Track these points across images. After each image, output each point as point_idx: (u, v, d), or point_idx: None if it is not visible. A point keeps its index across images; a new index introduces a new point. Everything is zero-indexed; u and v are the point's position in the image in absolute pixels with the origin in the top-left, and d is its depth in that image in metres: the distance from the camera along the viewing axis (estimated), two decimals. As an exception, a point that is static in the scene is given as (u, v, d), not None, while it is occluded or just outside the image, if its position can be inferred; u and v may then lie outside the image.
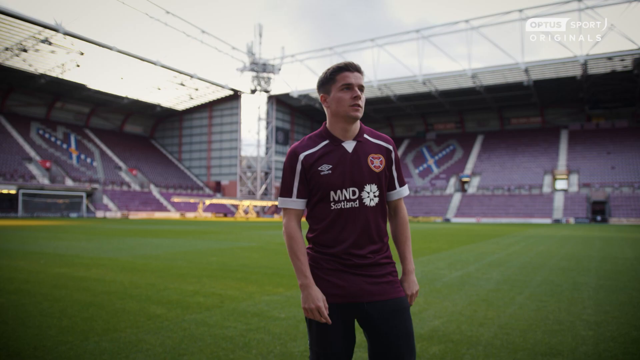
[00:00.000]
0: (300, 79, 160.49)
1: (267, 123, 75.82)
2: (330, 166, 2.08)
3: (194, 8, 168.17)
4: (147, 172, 70.57)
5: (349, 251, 2.07)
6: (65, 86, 62.15)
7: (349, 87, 2.08)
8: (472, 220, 54.36)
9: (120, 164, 68.61)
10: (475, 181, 63.13)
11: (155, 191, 66.74)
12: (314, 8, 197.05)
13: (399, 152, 75.34)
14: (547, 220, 50.99)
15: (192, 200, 65.77)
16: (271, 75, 72.23)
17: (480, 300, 6.20)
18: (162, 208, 63.39)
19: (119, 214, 56.31)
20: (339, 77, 2.09)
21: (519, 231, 27.80)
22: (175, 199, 63.32)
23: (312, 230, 2.16)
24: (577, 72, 53.32)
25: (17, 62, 53.80)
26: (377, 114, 76.95)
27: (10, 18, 44.04)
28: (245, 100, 76.48)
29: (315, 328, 2.07)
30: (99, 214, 55.40)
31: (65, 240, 16.20)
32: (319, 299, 2.02)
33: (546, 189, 57.43)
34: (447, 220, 55.56)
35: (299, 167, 2.11)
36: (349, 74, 2.09)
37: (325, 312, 2.01)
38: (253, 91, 73.49)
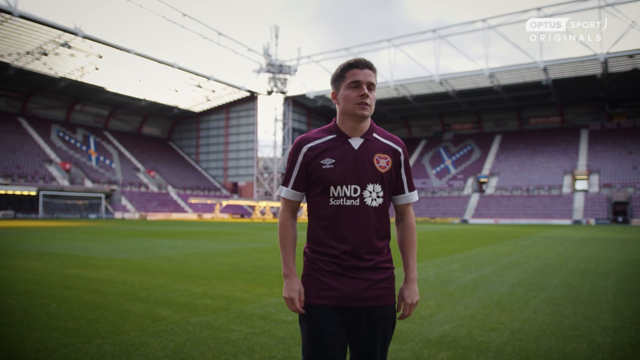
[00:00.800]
0: (316, 80, 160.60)
1: (284, 124, 75.94)
2: (333, 161, 2.03)
3: (211, 10, 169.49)
4: (164, 173, 71.17)
5: (348, 252, 2.01)
6: (84, 89, 62.99)
7: (357, 84, 2.03)
8: (490, 221, 53.75)
9: (139, 165, 69.28)
10: (493, 182, 62.43)
11: (172, 192, 67.26)
12: (330, 9, 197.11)
13: (416, 153, 74.90)
14: (567, 221, 50.19)
15: (209, 202, 66.15)
16: (287, 76, 72.35)
17: (493, 304, 6.05)
18: (179, 209, 63.85)
19: (137, 215, 56.86)
20: (348, 74, 2.05)
21: (537, 232, 27.36)
22: (193, 200, 63.71)
23: (311, 226, 2.11)
24: (597, 70, 52.38)
25: (38, 66, 54.65)
26: (393, 114, 76.57)
27: (31, 22, 44.76)
28: (262, 101, 76.76)
29: (307, 330, 2.01)
30: (118, 215, 55.99)
31: (82, 241, 16.33)
32: (295, 290, 2.03)
33: (566, 190, 56.52)
34: (465, 221, 55.01)
35: (300, 158, 2.08)
36: (358, 71, 2.03)
37: (298, 304, 2.01)
38: (269, 92, 73.68)
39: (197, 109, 79.40)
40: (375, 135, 2.11)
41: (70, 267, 9.19)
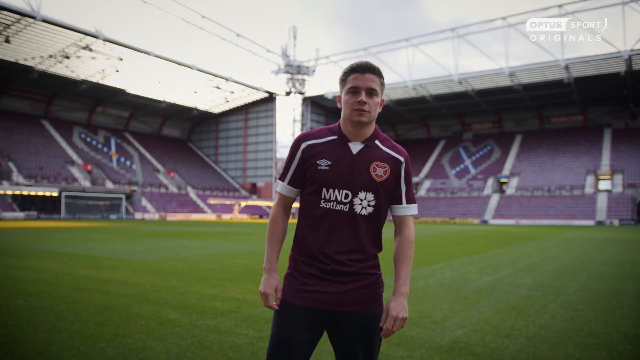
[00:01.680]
0: (334, 80, 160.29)
1: (302, 124, 75.96)
2: (330, 162, 1.99)
3: (229, 12, 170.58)
4: (184, 174, 71.74)
5: (329, 256, 1.96)
6: (105, 91, 63.82)
7: (355, 90, 1.97)
8: (511, 221, 52.97)
9: (159, 166, 69.95)
10: (514, 182, 61.56)
11: (192, 193, 67.77)
12: (349, 10, 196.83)
13: (435, 153, 74.27)
14: (590, 222, 49.20)
15: (228, 202, 66.48)
16: (306, 77, 72.37)
17: (509, 308, 5.87)
18: (198, 210, 64.29)
19: (156, 216, 57.39)
20: (349, 79, 2.00)
21: (559, 233, 26.85)
22: (212, 201, 64.06)
23: (299, 225, 2.07)
24: (620, 68, 51.23)
25: (60, 69, 55.52)
26: (412, 115, 76.05)
27: (53, 26, 45.47)
28: (280, 102, 77.09)
29: (276, 329, 1.98)
30: (138, 215, 56.60)
31: (100, 242, 16.48)
32: (271, 286, 2.01)
33: (588, 190, 55.43)
34: (485, 222, 54.34)
35: (298, 155, 2.05)
36: (359, 75, 1.98)
37: (271, 300, 2.00)
38: (288, 93, 73.80)
39: (216, 110, 79.87)
40: (377, 142, 2.05)
41: (85, 268, 9.23)
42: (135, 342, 4.17)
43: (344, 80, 2.02)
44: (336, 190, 1.97)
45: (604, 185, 57.06)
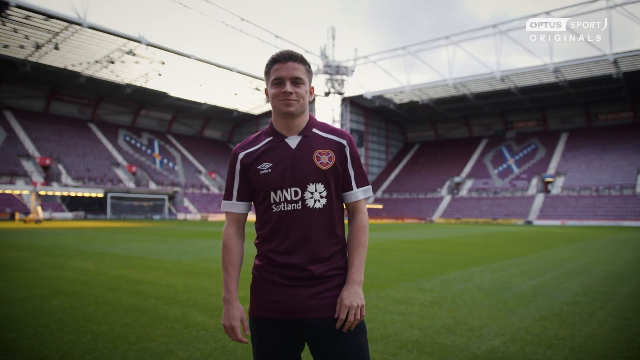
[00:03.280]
0: (373, 80, 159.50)
1: (342, 125, 75.74)
2: (271, 164, 1.90)
3: (268, 14, 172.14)
4: (225, 175, 72.64)
5: (289, 260, 1.85)
6: (148, 95, 65.39)
7: (279, 81, 1.88)
8: (556, 222, 51.20)
9: (200, 167, 71.17)
10: (560, 181, 59.53)
11: (232, 194, 68.54)
12: (387, 9, 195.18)
13: (477, 152, 72.71)
14: (642, 223, 47.04)
15: (268, 203, 66.89)
16: (345, 77, 72.18)
17: (552, 316, 5.53)
18: (239, 210, 64.95)
19: (198, 216, 58.39)
20: (272, 70, 1.91)
21: (608, 235, 25.69)
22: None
23: (257, 236, 1.96)
24: (674, 61, 48.85)
25: (106, 74, 57.22)
26: (453, 114, 74.72)
27: (99, 33, 46.89)
28: (320, 102, 76.93)
29: (254, 345, 1.91)
30: (180, 216, 57.72)
31: (140, 242, 16.78)
32: (236, 317, 1.89)
33: (640, 189, 53.07)
34: (529, 223, 52.74)
35: (237, 167, 1.96)
36: (280, 65, 1.89)
37: (239, 333, 1.89)
38: (327, 94, 73.79)
39: (256, 111, 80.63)
40: (315, 130, 1.95)
41: (121, 268, 9.35)
42: (158, 345, 4.10)
43: (267, 72, 1.93)
44: (284, 191, 1.86)
45: (657, 184, 54.43)
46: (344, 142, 1.93)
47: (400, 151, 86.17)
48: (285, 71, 1.86)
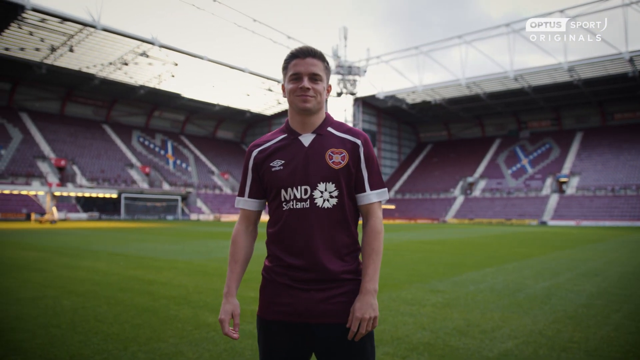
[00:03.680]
0: (386, 80, 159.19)
1: (354, 125, 75.60)
2: (283, 162, 1.88)
3: (280, 15, 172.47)
4: (238, 176, 72.96)
5: (297, 262, 1.82)
6: (162, 96, 65.83)
7: (297, 76, 1.86)
8: (571, 223, 50.61)
9: (213, 168, 71.49)
10: (574, 181, 58.85)
11: (245, 194, 68.75)
12: (399, 9, 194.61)
13: (490, 152, 72.17)
14: (660, 224, 46.34)
15: (280, 203, 67.00)
16: (357, 77, 72.05)
17: (566, 318, 5.43)
18: (251, 211, 65.12)
19: (211, 217, 58.65)
20: (290, 66, 1.88)
21: (623, 235, 25.32)
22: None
23: (268, 235, 1.95)
24: (693, 59, 48.04)
25: (120, 76, 57.73)
26: (466, 113, 74.23)
27: (113, 35, 47.32)
28: (332, 103, 76.95)
29: (261, 347, 1.89)
30: (193, 216, 58.03)
31: (152, 242, 16.87)
32: (227, 311, 1.85)
33: (658, 190, 52.25)
34: (543, 223, 52.20)
35: (251, 163, 1.95)
36: (299, 61, 1.86)
37: (227, 327, 1.84)
38: (339, 94, 73.73)
39: (269, 112, 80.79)
40: (330, 129, 1.91)
41: (133, 268, 9.39)
42: (167, 346, 4.09)
43: (285, 68, 1.91)
44: (294, 189, 1.84)
45: (674, 184, 53.57)
46: (359, 142, 1.89)
47: (412, 151, 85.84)
48: (303, 67, 1.84)
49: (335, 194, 1.83)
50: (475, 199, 62.90)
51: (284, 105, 77.55)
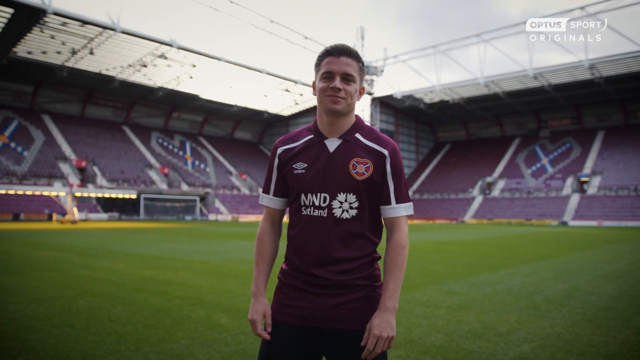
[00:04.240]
0: (403, 80, 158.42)
1: (372, 125, 75.28)
2: (305, 165, 1.81)
3: (297, 15, 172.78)
4: (255, 176, 73.28)
5: (311, 267, 1.78)
6: (180, 97, 66.41)
7: (329, 75, 1.78)
8: (593, 223, 49.75)
9: (231, 169, 71.88)
10: (596, 181, 57.83)
11: (262, 195, 69.01)
12: (416, 8, 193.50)
13: (509, 152, 71.32)
14: (685, 224, 45.31)
15: (298, 203, 67.12)
16: (374, 77, 71.78)
17: (585, 321, 5.32)
18: (269, 211, 65.32)
19: (229, 217, 58.97)
20: (323, 63, 1.81)
21: (648, 237, 24.81)
22: (282, 202, 64.89)
23: (287, 237, 1.90)
24: None
25: (139, 77, 58.42)
26: (484, 112, 73.44)
27: (132, 37, 47.88)
28: (349, 103, 76.84)
29: (264, 346, 1.84)
30: (211, 216, 58.42)
31: (170, 243, 17.00)
32: (259, 312, 1.82)
33: (683, 189, 51.09)
34: (564, 223, 51.41)
35: (276, 161, 1.91)
36: (333, 59, 1.78)
37: (259, 328, 1.81)
38: (356, 94, 73.61)
39: (286, 112, 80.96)
40: (357, 135, 1.83)
41: (149, 269, 9.46)
42: (179, 347, 4.10)
43: (317, 65, 1.84)
44: (314, 195, 1.78)
45: (700, 184, 52.33)
46: (386, 152, 1.81)
47: (430, 151, 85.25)
48: (337, 65, 1.77)
49: (355, 205, 1.78)
50: (495, 199, 62.22)
51: (302, 105, 77.72)
